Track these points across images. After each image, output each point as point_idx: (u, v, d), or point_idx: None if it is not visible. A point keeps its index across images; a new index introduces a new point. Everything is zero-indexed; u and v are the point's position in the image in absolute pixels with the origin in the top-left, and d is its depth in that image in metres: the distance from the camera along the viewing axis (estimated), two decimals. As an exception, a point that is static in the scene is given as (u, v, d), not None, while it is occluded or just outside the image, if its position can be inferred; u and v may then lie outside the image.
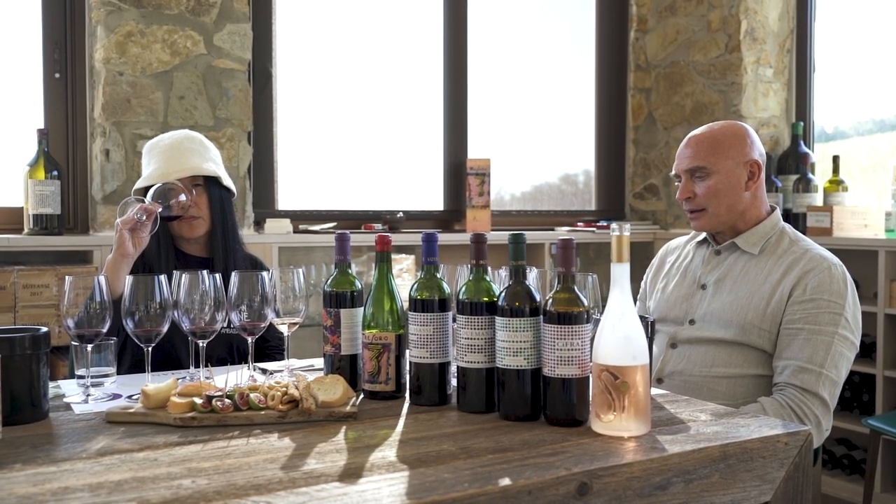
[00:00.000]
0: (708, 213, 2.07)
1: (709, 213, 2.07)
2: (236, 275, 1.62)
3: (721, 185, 2.04)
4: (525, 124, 4.31)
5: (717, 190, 2.04)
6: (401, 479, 1.11)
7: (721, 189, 2.04)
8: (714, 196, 2.04)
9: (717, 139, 2.06)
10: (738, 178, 2.04)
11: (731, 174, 2.04)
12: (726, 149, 2.04)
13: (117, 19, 3.13)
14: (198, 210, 2.18)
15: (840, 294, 1.93)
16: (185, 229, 2.19)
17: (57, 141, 3.20)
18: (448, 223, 4.00)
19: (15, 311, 2.74)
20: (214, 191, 2.22)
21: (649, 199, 4.40)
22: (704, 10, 4.11)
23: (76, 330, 1.53)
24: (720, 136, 2.06)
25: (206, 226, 2.21)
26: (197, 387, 1.46)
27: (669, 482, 1.21)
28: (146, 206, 1.99)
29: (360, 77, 3.86)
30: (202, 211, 2.19)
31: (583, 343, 1.37)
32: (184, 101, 3.24)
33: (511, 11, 4.29)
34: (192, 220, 2.17)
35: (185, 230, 2.19)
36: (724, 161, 2.04)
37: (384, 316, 1.58)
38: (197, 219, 2.19)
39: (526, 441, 1.29)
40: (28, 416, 1.40)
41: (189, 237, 2.21)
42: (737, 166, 2.04)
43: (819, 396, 1.87)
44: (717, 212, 2.06)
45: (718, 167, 2.04)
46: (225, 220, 2.23)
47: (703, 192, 2.05)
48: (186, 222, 2.17)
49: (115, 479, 1.10)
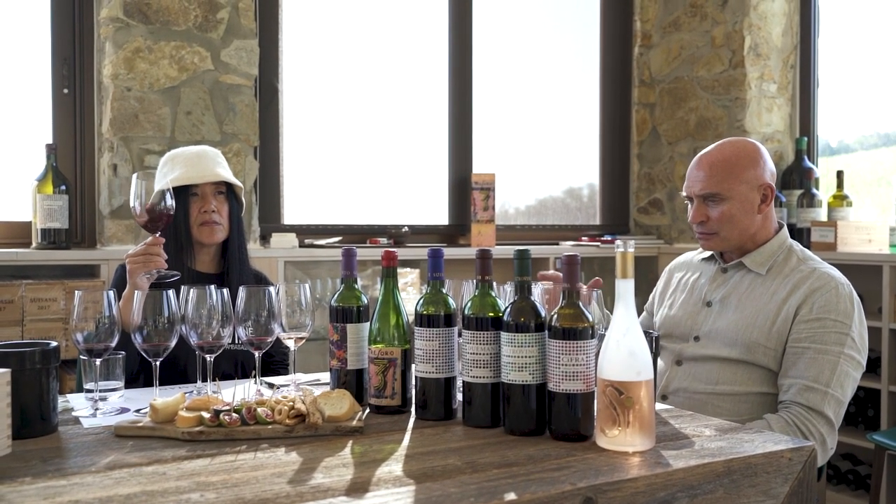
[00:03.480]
0: (719, 237, 2.06)
1: (720, 237, 2.06)
2: (243, 290, 1.64)
3: (735, 211, 2.02)
4: (530, 139, 4.33)
5: (731, 215, 2.02)
6: (407, 494, 1.11)
7: (735, 214, 2.02)
8: (728, 221, 2.03)
9: (731, 162, 2.02)
10: (752, 202, 2.03)
11: (744, 200, 2.02)
12: (739, 173, 2.01)
13: (125, 35, 3.16)
14: (220, 217, 2.20)
15: (847, 314, 1.92)
16: (204, 234, 2.20)
17: (65, 156, 3.22)
18: (453, 237, 4.02)
19: (23, 324, 2.76)
20: (234, 201, 2.26)
21: (653, 214, 4.41)
22: (708, 26, 4.13)
23: (85, 344, 1.54)
24: (734, 159, 2.02)
25: (224, 234, 2.23)
26: (205, 401, 1.46)
27: (674, 497, 1.22)
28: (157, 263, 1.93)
29: (366, 92, 3.88)
30: (223, 218, 2.22)
31: (587, 358, 1.38)
32: (191, 116, 3.27)
33: (515, 27, 4.32)
34: (213, 225, 2.19)
35: (204, 235, 2.20)
36: (738, 186, 2.01)
37: (390, 331, 1.59)
38: (219, 225, 2.21)
39: (531, 456, 1.30)
40: (38, 429, 1.41)
41: (208, 243, 2.22)
42: (750, 191, 2.02)
43: (824, 415, 1.87)
44: (728, 236, 2.05)
45: (732, 193, 2.01)
46: (241, 232, 2.28)
47: (716, 217, 2.03)
48: (207, 227, 2.18)
49: (125, 493, 1.11)
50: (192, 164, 2.21)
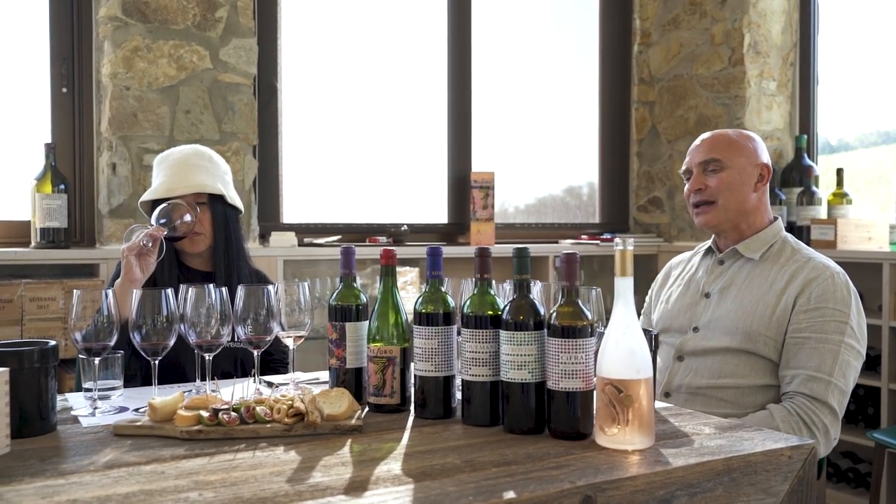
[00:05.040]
0: (717, 207, 2.09)
1: (718, 207, 2.09)
2: (242, 288, 1.63)
3: (734, 179, 2.07)
4: (529, 137, 4.33)
5: (729, 183, 2.07)
6: (406, 493, 1.11)
7: (733, 183, 2.07)
8: (726, 189, 2.07)
9: (732, 138, 2.12)
10: (750, 176, 2.09)
11: (743, 171, 2.08)
12: (740, 147, 2.09)
13: (124, 34, 3.16)
14: (200, 226, 2.18)
15: (844, 302, 1.94)
16: (186, 244, 2.20)
17: (64, 155, 3.22)
18: (452, 236, 4.02)
19: (22, 324, 2.76)
20: (218, 208, 2.22)
21: (653, 212, 4.41)
22: (708, 24, 4.13)
23: (84, 343, 1.54)
24: (734, 136, 2.12)
25: (207, 242, 2.22)
26: (203, 400, 1.46)
27: (673, 496, 1.21)
28: (151, 232, 1.99)
29: (365, 90, 3.88)
30: (204, 227, 2.20)
31: (587, 357, 1.38)
32: (190, 115, 3.26)
33: (515, 25, 4.31)
34: (193, 236, 2.18)
35: (186, 245, 2.20)
36: (738, 157, 2.08)
37: (389, 329, 1.59)
38: (199, 235, 2.19)
39: (530, 454, 1.30)
40: (36, 428, 1.41)
41: (190, 252, 2.22)
42: (749, 164, 2.09)
43: (828, 405, 1.88)
44: (726, 205, 2.08)
45: (733, 162, 2.08)
46: (228, 238, 2.23)
47: (715, 184, 2.08)
48: (188, 237, 2.18)
49: (123, 492, 1.11)
50: (173, 173, 2.19)
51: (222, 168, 2.29)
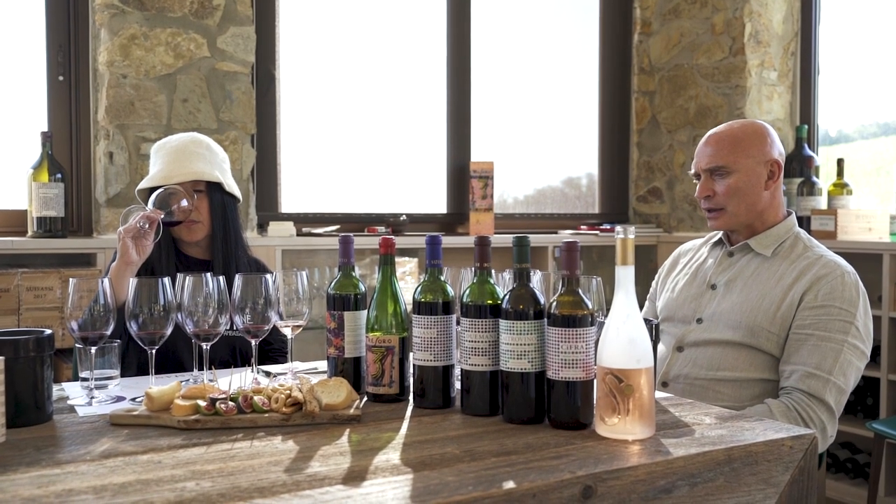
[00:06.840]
0: (727, 213, 2.06)
1: (728, 213, 2.06)
2: (240, 277, 1.62)
3: (741, 184, 2.03)
4: (528, 127, 4.31)
5: (736, 188, 2.03)
6: (405, 482, 1.10)
7: (741, 187, 2.03)
8: (734, 195, 2.04)
9: (738, 137, 2.05)
10: (759, 176, 2.04)
11: (751, 173, 2.03)
12: (746, 147, 2.04)
13: (121, 22, 3.14)
14: (197, 214, 2.18)
15: (852, 302, 1.92)
16: (183, 233, 2.19)
17: (60, 144, 3.20)
18: (451, 226, 4.00)
19: (19, 313, 2.74)
20: (216, 196, 2.21)
21: (653, 203, 4.40)
22: (708, 13, 4.11)
23: (80, 332, 1.53)
24: (741, 135, 2.06)
25: (205, 230, 2.21)
26: (201, 389, 1.45)
27: (674, 486, 1.21)
28: (148, 214, 1.99)
29: (364, 80, 3.86)
30: (202, 215, 2.19)
31: (587, 346, 1.37)
32: (187, 103, 3.24)
33: (515, 15, 4.29)
34: (191, 224, 2.17)
35: (183, 234, 2.19)
36: (744, 160, 2.03)
37: (388, 319, 1.58)
38: (196, 223, 2.18)
39: (530, 444, 1.29)
40: (32, 418, 1.40)
41: (188, 241, 2.21)
42: (757, 165, 2.04)
43: (825, 403, 1.86)
44: (736, 211, 2.05)
45: (739, 166, 2.03)
46: (226, 226, 2.22)
47: (722, 191, 2.05)
48: (185, 226, 2.17)
49: (119, 482, 1.10)
50: (170, 160, 2.18)
51: (220, 156, 2.27)
